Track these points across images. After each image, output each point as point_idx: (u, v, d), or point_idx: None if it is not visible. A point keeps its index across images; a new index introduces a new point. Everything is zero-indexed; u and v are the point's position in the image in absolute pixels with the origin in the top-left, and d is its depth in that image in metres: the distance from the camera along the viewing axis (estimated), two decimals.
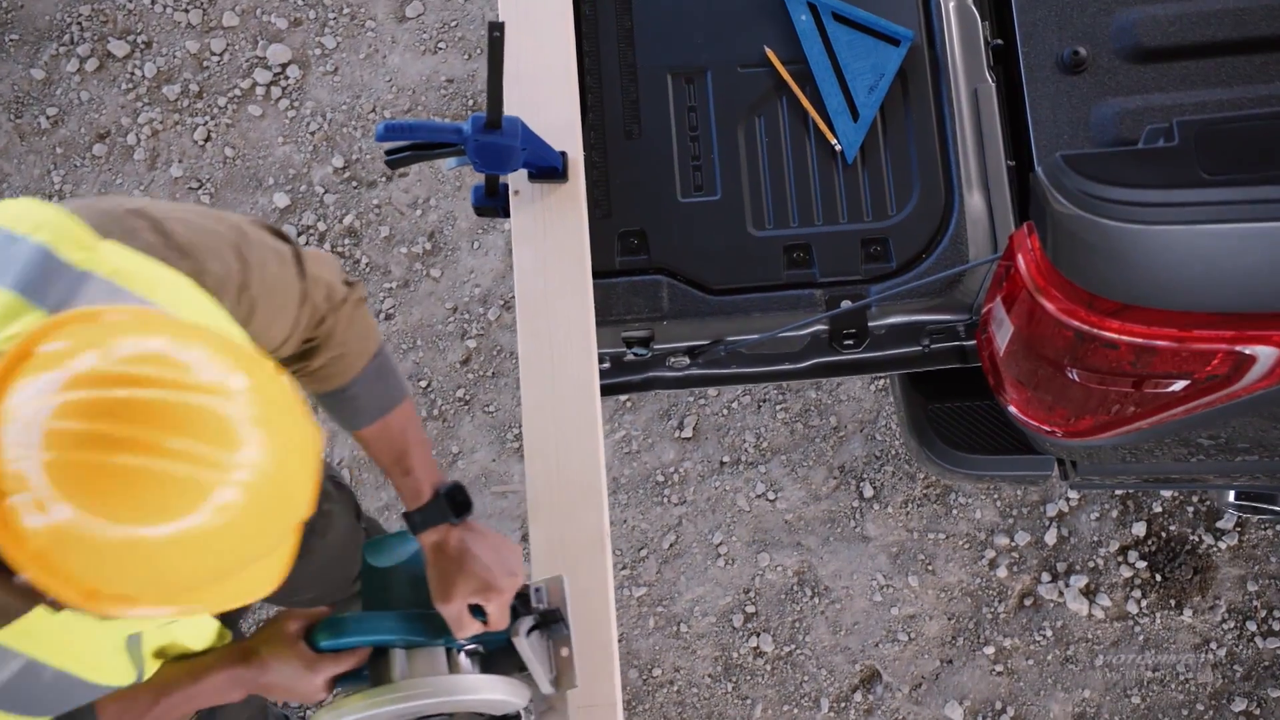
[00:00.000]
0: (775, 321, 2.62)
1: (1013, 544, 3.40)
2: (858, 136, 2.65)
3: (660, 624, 3.40)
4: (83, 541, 1.31)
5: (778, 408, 3.51)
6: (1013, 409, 2.55)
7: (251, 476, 1.36)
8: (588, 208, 2.58)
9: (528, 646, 2.13)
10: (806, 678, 3.34)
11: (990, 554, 3.40)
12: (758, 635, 3.38)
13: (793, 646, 3.37)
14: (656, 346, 2.66)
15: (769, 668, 3.36)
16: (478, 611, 2.05)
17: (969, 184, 2.61)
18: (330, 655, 2.01)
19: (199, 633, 2.05)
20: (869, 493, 3.46)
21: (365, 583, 2.18)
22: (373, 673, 2.06)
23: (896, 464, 3.46)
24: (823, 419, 3.52)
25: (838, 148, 2.66)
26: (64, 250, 1.55)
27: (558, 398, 2.50)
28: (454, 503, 2.06)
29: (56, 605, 1.46)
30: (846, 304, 2.59)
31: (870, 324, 2.63)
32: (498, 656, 2.18)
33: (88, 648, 1.75)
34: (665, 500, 3.49)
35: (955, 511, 3.44)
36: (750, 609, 3.40)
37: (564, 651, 2.21)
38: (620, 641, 3.38)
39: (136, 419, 1.31)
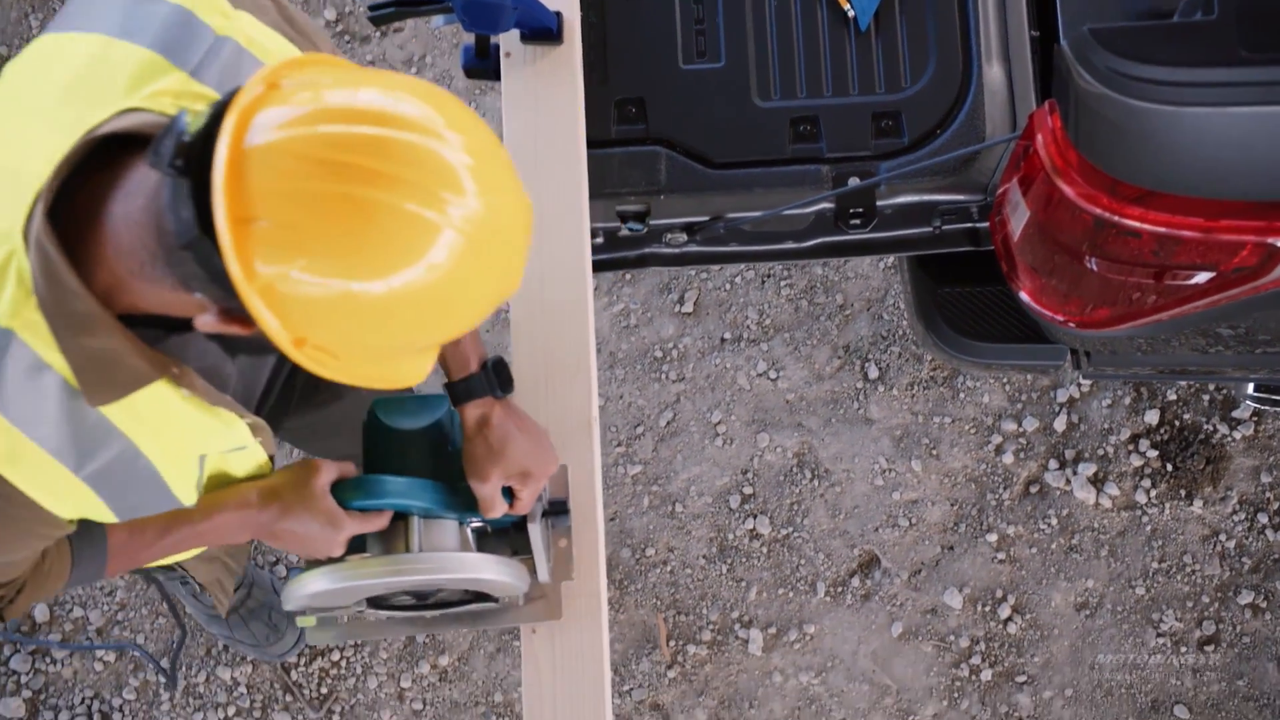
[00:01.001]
0: (779, 198, 2.48)
1: (1020, 430, 3.30)
2: (872, 2, 2.49)
3: (655, 503, 3.32)
4: (309, 285, 1.37)
5: (782, 284, 3.39)
6: (1025, 297, 2.43)
7: (473, 229, 1.39)
8: (583, 73, 2.43)
9: (538, 532, 2.09)
10: (803, 561, 3.27)
11: (997, 439, 3.30)
12: (755, 517, 3.29)
13: (790, 529, 3.29)
14: (653, 222, 2.53)
15: (765, 550, 3.28)
16: (506, 493, 2.03)
17: (988, 56, 2.46)
18: (357, 514, 1.96)
19: (251, 465, 1.99)
20: (874, 374, 3.35)
21: (376, 443, 2.10)
22: (387, 538, 2.02)
23: (903, 345, 3.35)
24: (828, 296, 3.40)
25: (850, 14, 2.50)
26: (204, 14, 1.63)
27: (546, 274, 2.38)
28: (500, 377, 2.02)
29: (180, 380, 1.62)
30: (854, 181, 2.45)
31: (879, 203, 2.50)
32: (495, 537, 2.14)
33: (179, 449, 1.74)
34: (663, 377, 3.39)
35: (962, 395, 3.33)
36: (748, 490, 3.31)
37: (562, 543, 2.18)
38: (613, 520, 3.30)
39: (382, 155, 1.36)
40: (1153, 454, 3.27)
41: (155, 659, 3.04)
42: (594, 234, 2.56)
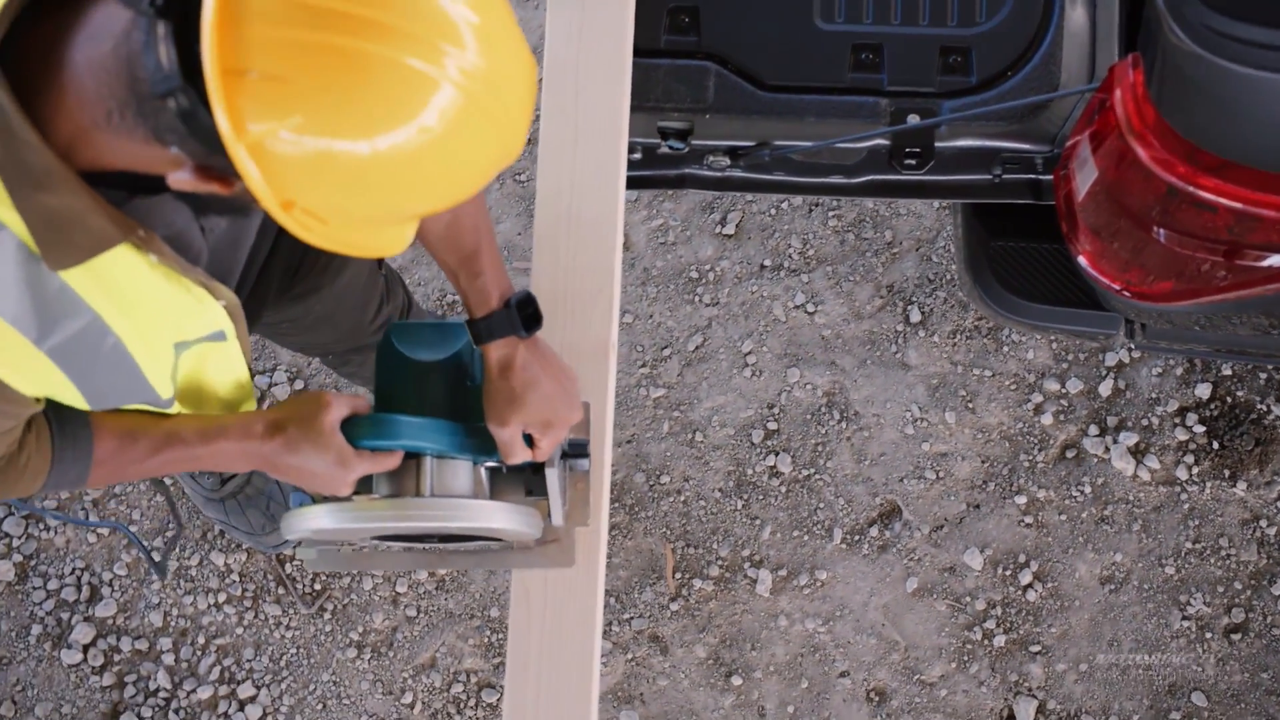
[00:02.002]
0: (832, 129, 2.33)
1: (1063, 390, 3.15)
2: None
3: (675, 429, 3.19)
4: (300, 144, 1.28)
5: (830, 214, 3.23)
6: (1083, 260, 2.27)
7: (472, 85, 1.30)
8: None
9: (555, 477, 1.98)
10: (822, 505, 3.14)
11: (1037, 398, 3.15)
12: (776, 454, 3.17)
13: (812, 470, 3.16)
14: (695, 142, 2.38)
15: (784, 489, 3.16)
16: (526, 438, 1.92)
17: None
18: (368, 453, 1.84)
19: (229, 374, 1.89)
20: (916, 317, 3.20)
21: (390, 371, 2.00)
22: (397, 477, 1.91)
23: (950, 290, 3.19)
24: (877, 232, 3.24)
25: None
26: None
27: (577, 186, 2.24)
28: (525, 314, 1.89)
29: (146, 245, 1.52)
30: (914, 119, 2.29)
31: (937, 144, 2.34)
32: (509, 477, 2.03)
33: (150, 328, 1.63)
34: (696, 299, 3.25)
35: (1006, 349, 3.18)
36: (772, 425, 3.18)
37: (580, 485, 2.08)
38: (630, 443, 3.19)
39: (380, 4, 1.27)
40: (1199, 429, 3.12)
41: (146, 545, 2.97)
42: (632, 149, 2.42)
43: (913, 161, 2.34)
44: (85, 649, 3.17)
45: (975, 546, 3.10)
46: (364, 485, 1.91)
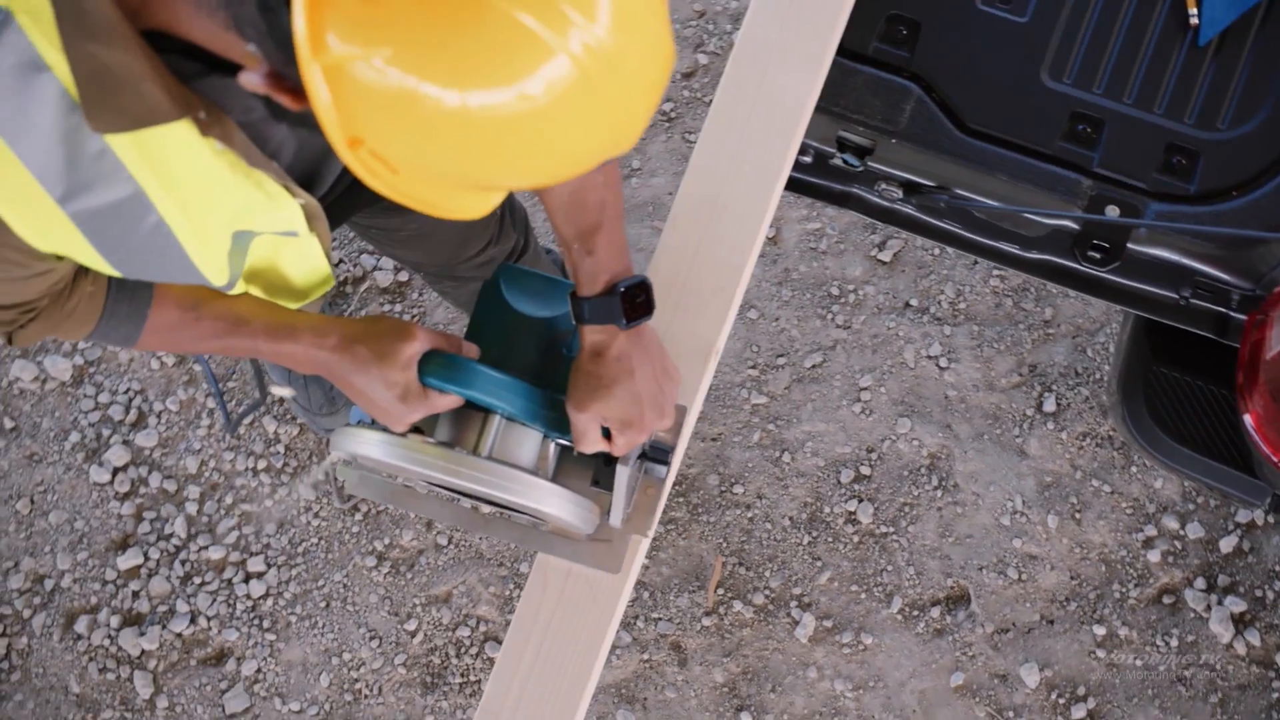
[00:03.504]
0: (1022, 194, 2.10)
1: (1180, 532, 2.89)
2: (1225, 17, 2.06)
3: (765, 442, 2.99)
4: (384, 77, 1.11)
5: (994, 273, 2.99)
6: (1249, 419, 2.02)
7: (591, 63, 1.12)
8: None
9: (626, 476, 1.80)
10: (890, 568, 2.93)
11: (1150, 531, 2.90)
12: (860, 501, 2.96)
13: (891, 530, 2.94)
14: (872, 163, 2.17)
15: (856, 539, 2.95)
16: (605, 429, 1.76)
17: None
18: (435, 395, 1.70)
19: (306, 264, 1.75)
20: (1050, 407, 2.95)
21: (488, 312, 1.85)
22: (459, 424, 1.77)
23: (1094, 390, 2.94)
24: (1038, 306, 2.99)
25: (1194, 21, 2.07)
26: None
27: (731, 174, 2.04)
28: (631, 303, 1.71)
29: (209, 129, 1.37)
30: (1112, 211, 2.05)
31: (1129, 244, 2.10)
32: (579, 460, 1.86)
33: (204, 215, 1.49)
34: (829, 317, 3.03)
35: (1134, 470, 2.92)
36: (865, 470, 2.97)
37: (650, 492, 1.90)
38: (715, 441, 3.00)
39: None
40: None
41: (221, 392, 2.85)
42: (804, 150, 2.21)
43: (1097, 255, 2.10)
44: (115, 472, 3.08)
45: (1036, 662, 2.87)
46: (426, 422, 1.77)
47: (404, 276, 3.15)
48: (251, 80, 1.22)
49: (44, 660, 2.99)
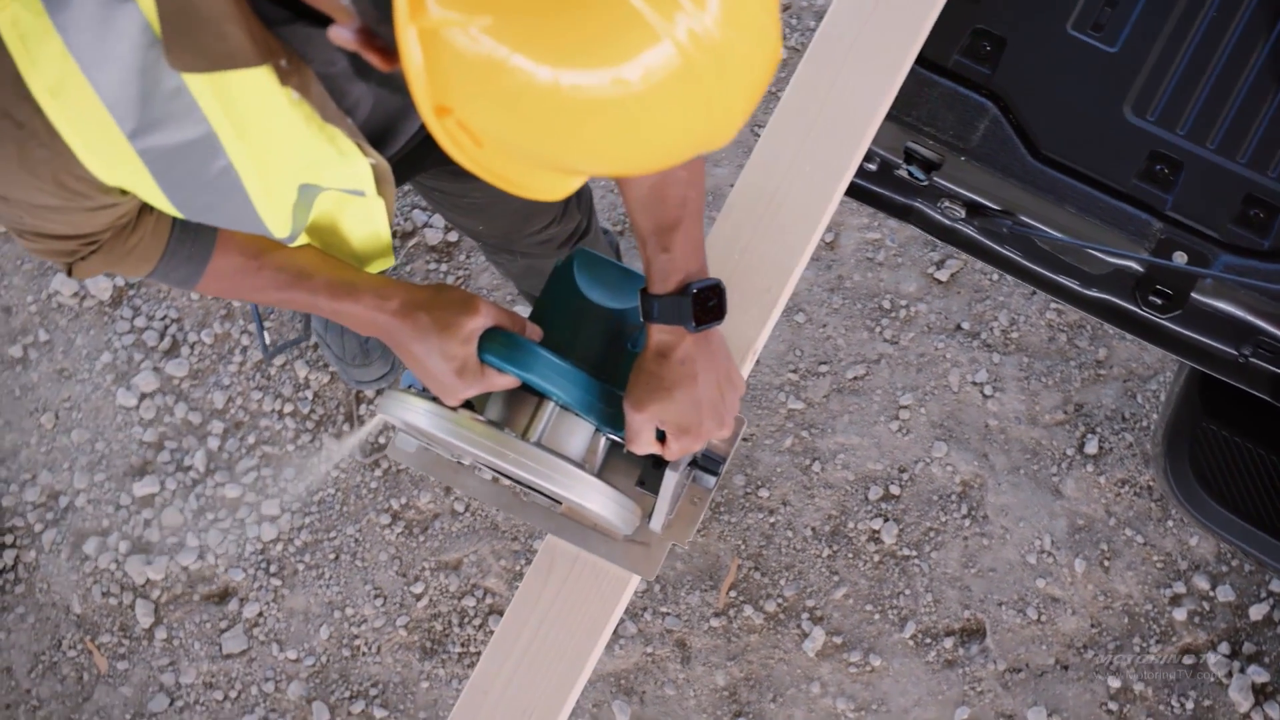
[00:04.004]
0: (1088, 229, 2.03)
1: (1210, 593, 2.82)
2: None
3: (796, 449, 2.94)
4: (476, 46, 1.06)
5: (1051, 305, 2.92)
6: None
7: (696, 52, 1.06)
8: None
9: (674, 482, 1.75)
10: (908, 592, 2.87)
11: (1179, 589, 2.82)
12: (885, 520, 2.89)
13: (914, 553, 2.88)
14: (938, 178, 2.10)
15: (876, 558, 2.89)
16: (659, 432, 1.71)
17: None
18: (493, 372, 1.65)
19: (367, 227, 1.71)
20: (1091, 449, 2.88)
21: (556, 293, 1.81)
22: (511, 404, 1.73)
23: (1140, 438, 2.86)
24: (1092, 345, 2.92)
25: None
26: None
27: (794, 170, 1.98)
28: (703, 306, 1.65)
29: (289, 78, 1.33)
30: (1180, 258, 1.98)
31: (1193, 294, 2.02)
32: (627, 459, 1.82)
33: (273, 164, 1.45)
34: (877, 330, 2.97)
35: (1170, 524, 2.85)
36: (894, 489, 2.91)
37: (695, 501, 1.85)
38: (746, 441, 2.94)
39: None
40: None
41: (261, 318, 2.83)
42: (869, 157, 2.15)
43: (1159, 301, 2.03)
44: (142, 397, 3.06)
45: (1045, 707, 2.80)
46: (478, 399, 1.73)
47: (453, 237, 3.11)
48: (342, 35, 1.18)
49: (49, 577, 2.98)
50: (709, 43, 1.06)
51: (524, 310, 3.01)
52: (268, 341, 2.99)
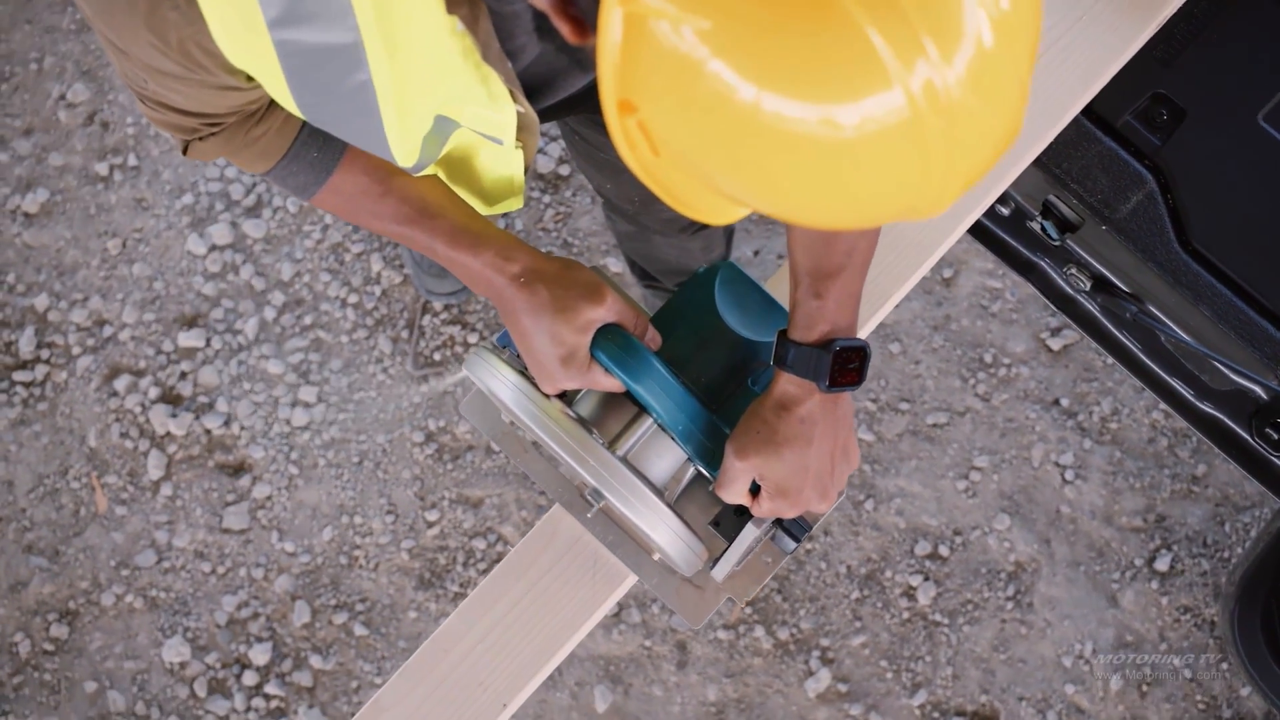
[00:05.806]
0: (1219, 338, 1.83)
1: None
2: None
3: (853, 481, 2.77)
4: (681, 45, 0.93)
5: (1160, 405, 2.71)
6: None
7: (928, 110, 0.91)
8: (1145, 41, 1.79)
9: (752, 537, 1.61)
10: (928, 660, 2.69)
11: None
12: (925, 579, 2.72)
13: (946, 621, 2.70)
14: (1071, 242, 1.92)
15: (905, 615, 2.71)
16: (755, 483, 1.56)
17: None
18: (599, 370, 1.52)
19: (502, 169, 1.58)
20: (1162, 565, 2.68)
21: (689, 303, 1.66)
22: (605, 406, 1.62)
23: (1216, 568, 2.66)
24: (1192, 457, 2.71)
25: None
26: None
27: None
28: (842, 367, 1.48)
29: (453, 5, 1.21)
30: None
31: None
32: (710, 496, 1.68)
33: (415, 89, 1.31)
34: (971, 382, 2.78)
35: (1225, 666, 2.64)
36: (944, 550, 2.73)
37: (767, 561, 1.69)
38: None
39: None
40: None
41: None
42: (1004, 199, 1.96)
43: (1275, 435, 1.84)
44: (212, 248, 2.96)
45: None
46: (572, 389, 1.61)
47: (564, 171, 2.97)
48: None
49: (74, 402, 2.90)
50: (946, 102, 0.91)
51: (617, 267, 2.86)
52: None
